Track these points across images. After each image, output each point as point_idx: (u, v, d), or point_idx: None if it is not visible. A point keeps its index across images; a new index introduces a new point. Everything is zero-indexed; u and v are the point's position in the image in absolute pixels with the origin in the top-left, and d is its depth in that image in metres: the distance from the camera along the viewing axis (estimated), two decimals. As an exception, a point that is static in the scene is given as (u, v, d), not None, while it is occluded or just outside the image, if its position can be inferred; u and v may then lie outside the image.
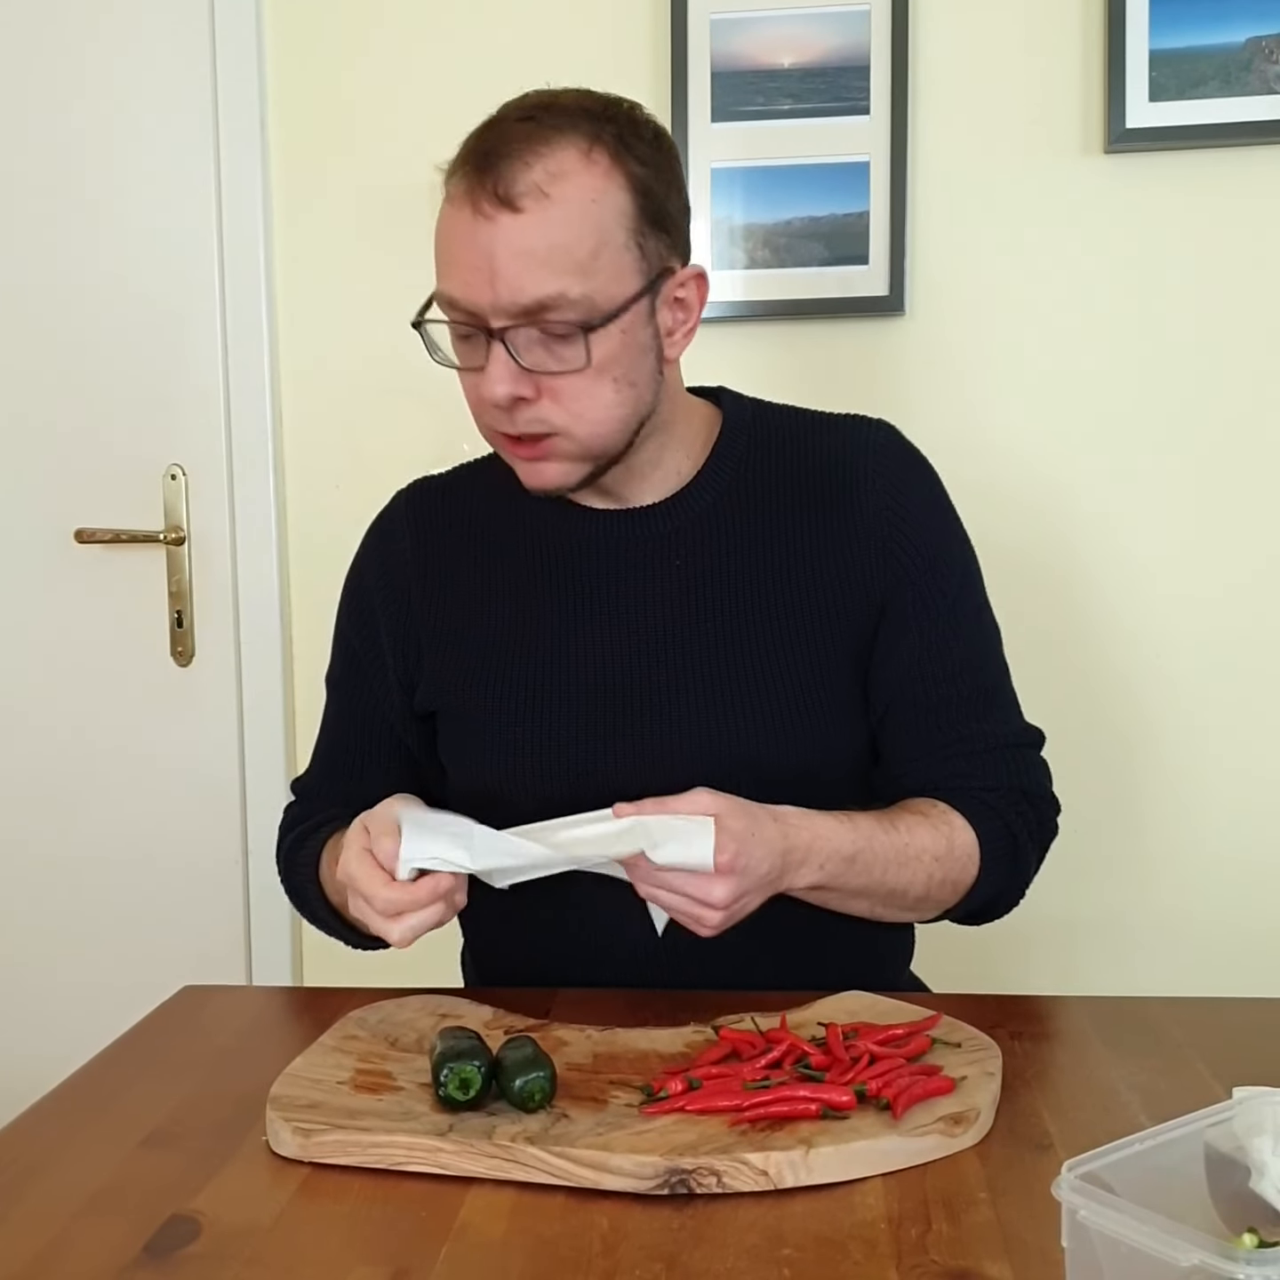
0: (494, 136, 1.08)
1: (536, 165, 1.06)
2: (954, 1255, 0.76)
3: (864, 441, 1.21)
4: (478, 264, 1.06)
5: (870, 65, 1.89)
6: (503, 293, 1.05)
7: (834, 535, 1.18)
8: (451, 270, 1.09)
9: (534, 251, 1.05)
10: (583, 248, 1.06)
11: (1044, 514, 1.93)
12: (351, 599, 1.30)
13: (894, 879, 1.13)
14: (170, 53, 2.08)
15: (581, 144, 1.07)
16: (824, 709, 1.17)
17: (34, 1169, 0.89)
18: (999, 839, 1.17)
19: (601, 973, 1.17)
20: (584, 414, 1.10)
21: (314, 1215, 0.83)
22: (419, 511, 1.28)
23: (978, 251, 1.92)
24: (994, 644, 1.25)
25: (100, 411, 2.14)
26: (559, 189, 1.05)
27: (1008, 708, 1.25)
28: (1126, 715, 1.95)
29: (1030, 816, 1.21)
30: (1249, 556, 1.92)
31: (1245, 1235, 0.67)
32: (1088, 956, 1.97)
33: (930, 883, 1.15)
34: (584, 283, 1.06)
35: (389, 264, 2.04)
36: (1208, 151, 1.86)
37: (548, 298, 1.05)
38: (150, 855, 2.18)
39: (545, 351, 1.08)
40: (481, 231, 1.06)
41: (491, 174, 1.06)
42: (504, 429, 1.11)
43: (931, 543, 1.20)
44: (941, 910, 1.20)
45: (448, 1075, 0.90)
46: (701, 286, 1.15)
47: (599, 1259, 0.77)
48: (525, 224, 1.05)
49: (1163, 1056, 1.01)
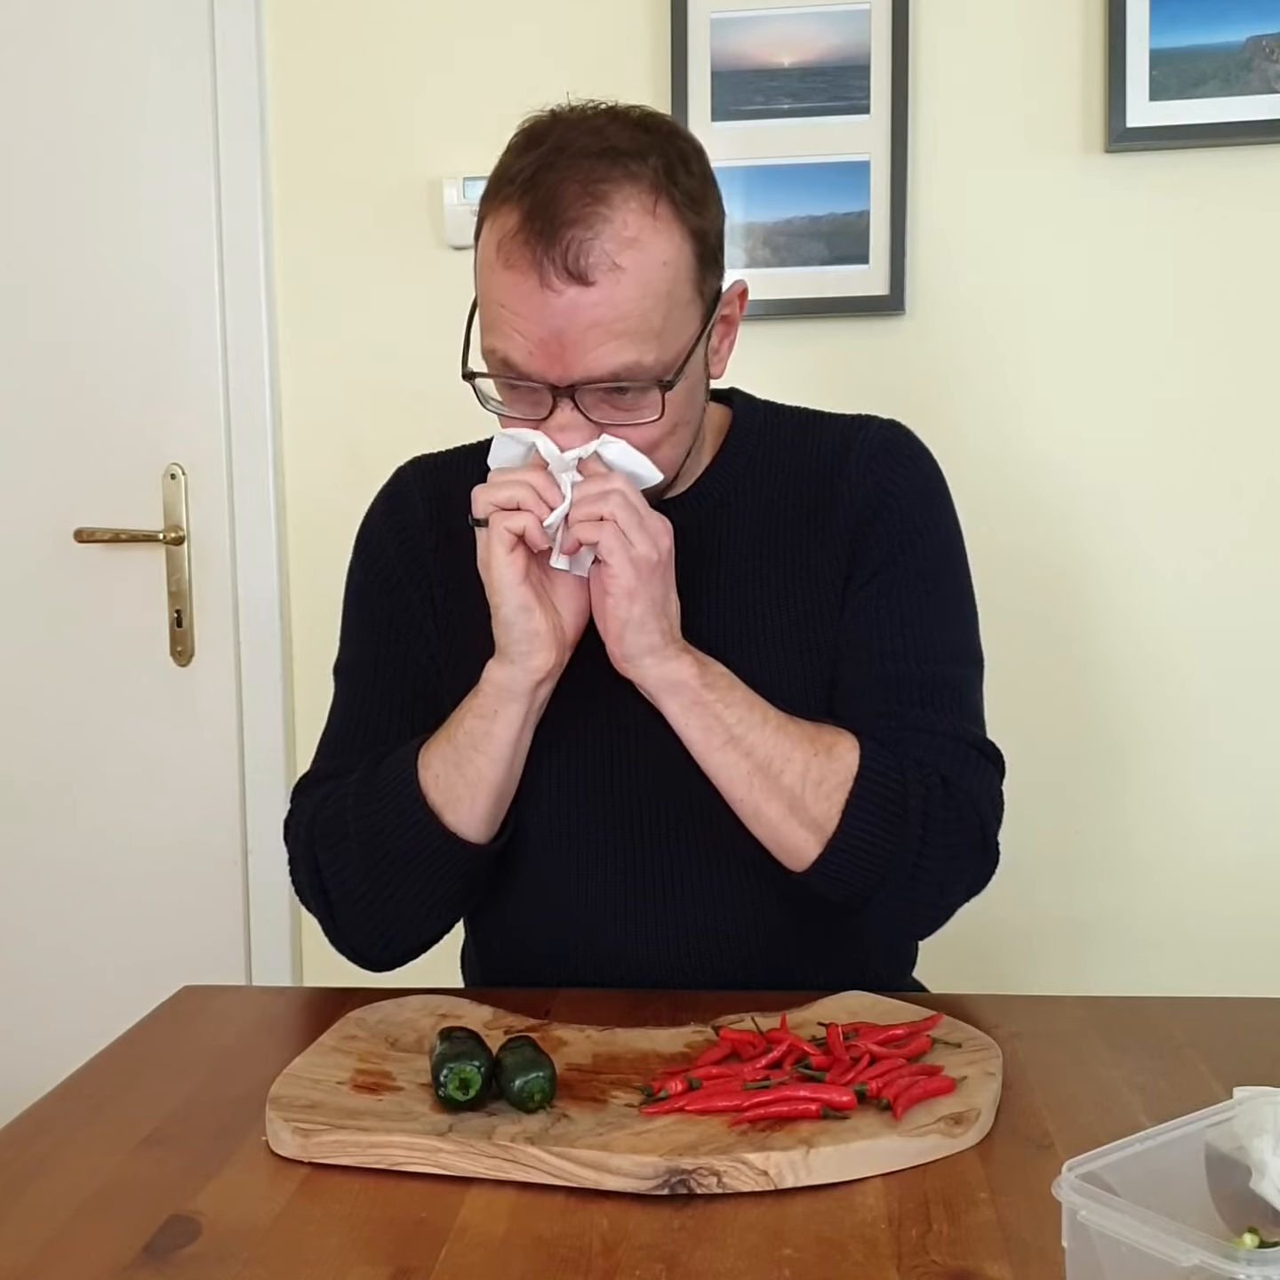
0: (550, 194, 1.02)
1: (605, 232, 1.01)
2: (954, 1255, 0.76)
3: (862, 439, 1.20)
4: (545, 337, 1.02)
5: (870, 65, 1.89)
6: (573, 366, 1.02)
7: (825, 532, 1.18)
8: (510, 335, 1.04)
9: (610, 325, 1.02)
10: (657, 315, 1.03)
11: (1044, 512, 1.93)
12: (371, 572, 1.25)
13: (772, 740, 1.06)
14: (170, 53, 2.08)
15: (646, 200, 1.03)
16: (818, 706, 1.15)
17: (34, 1169, 0.89)
18: (882, 783, 1.07)
19: (603, 973, 1.17)
20: (652, 460, 1.08)
21: (314, 1215, 0.83)
22: (427, 484, 1.26)
23: (978, 251, 1.92)
24: (959, 650, 1.18)
25: (100, 411, 2.14)
26: (630, 258, 1.02)
27: (960, 710, 1.15)
28: (1126, 714, 1.95)
29: (937, 800, 1.09)
30: (1247, 557, 1.92)
31: (1245, 1235, 0.67)
32: (1088, 956, 1.96)
33: (807, 775, 1.06)
34: (657, 348, 1.04)
35: (389, 264, 2.04)
36: (1208, 151, 1.86)
37: (623, 368, 1.03)
38: (150, 855, 2.18)
39: (612, 407, 1.06)
40: (551, 305, 1.01)
41: (558, 243, 1.01)
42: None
43: (899, 528, 1.17)
44: (820, 843, 1.07)
45: (448, 1075, 0.90)
46: (743, 300, 1.15)
47: (599, 1259, 0.76)
48: (598, 297, 1.01)
49: (1163, 1056, 1.01)
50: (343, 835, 1.15)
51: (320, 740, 1.27)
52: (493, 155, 1.08)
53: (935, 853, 1.09)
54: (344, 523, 1.31)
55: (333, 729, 1.26)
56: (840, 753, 1.08)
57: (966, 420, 1.93)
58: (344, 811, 1.15)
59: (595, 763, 1.17)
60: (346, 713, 1.25)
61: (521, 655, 1.08)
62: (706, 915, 1.16)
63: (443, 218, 1.98)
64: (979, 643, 1.21)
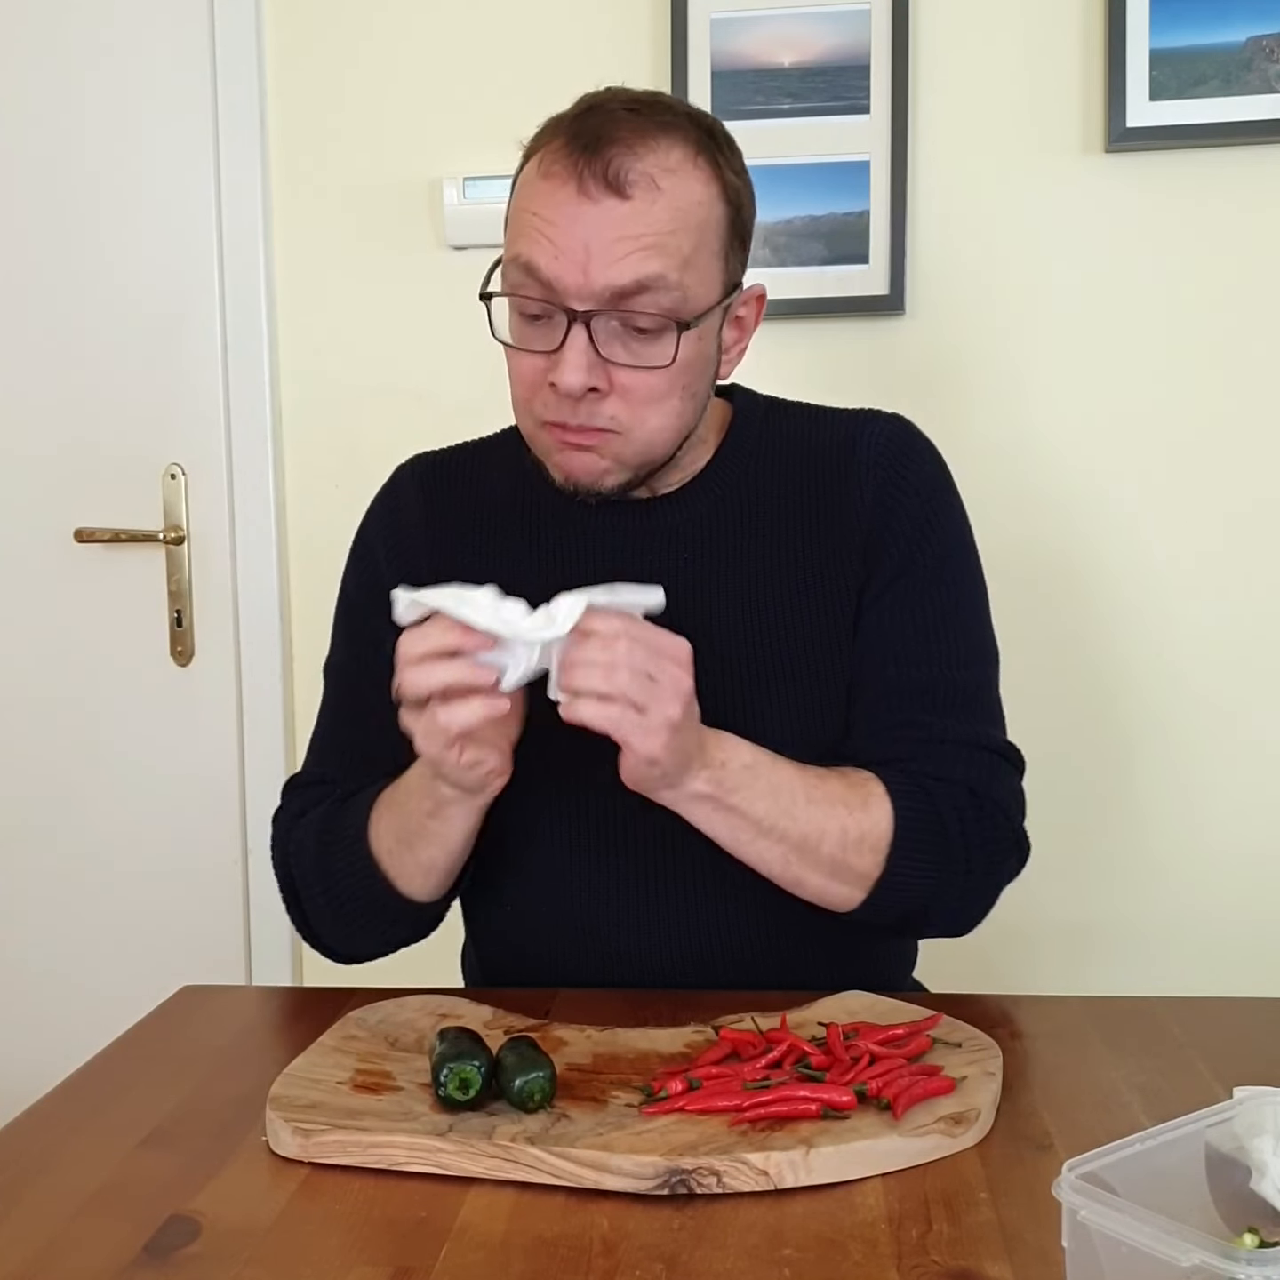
0: (601, 121, 1.05)
1: (648, 156, 1.04)
2: (954, 1255, 0.76)
3: (869, 433, 1.19)
4: (573, 245, 1.03)
5: (870, 64, 1.89)
6: (596, 276, 1.03)
7: (834, 527, 1.17)
8: (538, 239, 1.04)
9: (639, 237, 1.03)
10: (686, 241, 1.04)
11: (1044, 512, 1.93)
12: (360, 573, 1.26)
13: (804, 817, 1.05)
14: (170, 53, 2.08)
15: (689, 148, 1.06)
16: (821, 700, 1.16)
17: (34, 1169, 0.89)
18: (919, 819, 1.08)
19: (603, 974, 1.17)
20: (649, 419, 1.08)
21: (314, 1215, 0.83)
22: (426, 483, 1.25)
23: (978, 251, 1.92)
24: (978, 651, 1.19)
25: (100, 411, 2.14)
26: (669, 183, 1.04)
27: (982, 714, 1.16)
28: (1128, 713, 1.95)
29: (971, 817, 1.10)
30: (1253, 553, 1.92)
31: (1246, 1235, 0.67)
32: (1088, 957, 1.96)
33: (845, 838, 1.06)
34: (682, 272, 1.04)
35: (389, 264, 2.04)
36: (1208, 151, 1.86)
37: (647, 278, 1.03)
38: (150, 855, 2.18)
39: (624, 347, 1.06)
40: (586, 213, 1.03)
41: (601, 157, 1.03)
42: (561, 418, 1.08)
43: (914, 529, 1.17)
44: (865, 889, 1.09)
45: (448, 1075, 0.90)
46: (760, 307, 1.16)
47: (599, 1259, 0.76)
48: (632, 211, 1.03)
49: (1163, 1056, 1.01)
50: (308, 865, 1.18)
51: (310, 739, 1.28)
52: (493, 155, 1.09)
53: (977, 866, 1.12)
54: (344, 523, 1.31)
55: (319, 731, 1.28)
56: (874, 803, 1.08)
57: (966, 420, 1.92)
58: (307, 847, 1.19)
59: (594, 764, 1.17)
60: (332, 716, 1.27)
61: (474, 790, 1.06)
62: (707, 915, 1.16)
63: (443, 218, 1.98)
64: (994, 636, 1.21)
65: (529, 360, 1.08)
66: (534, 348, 1.07)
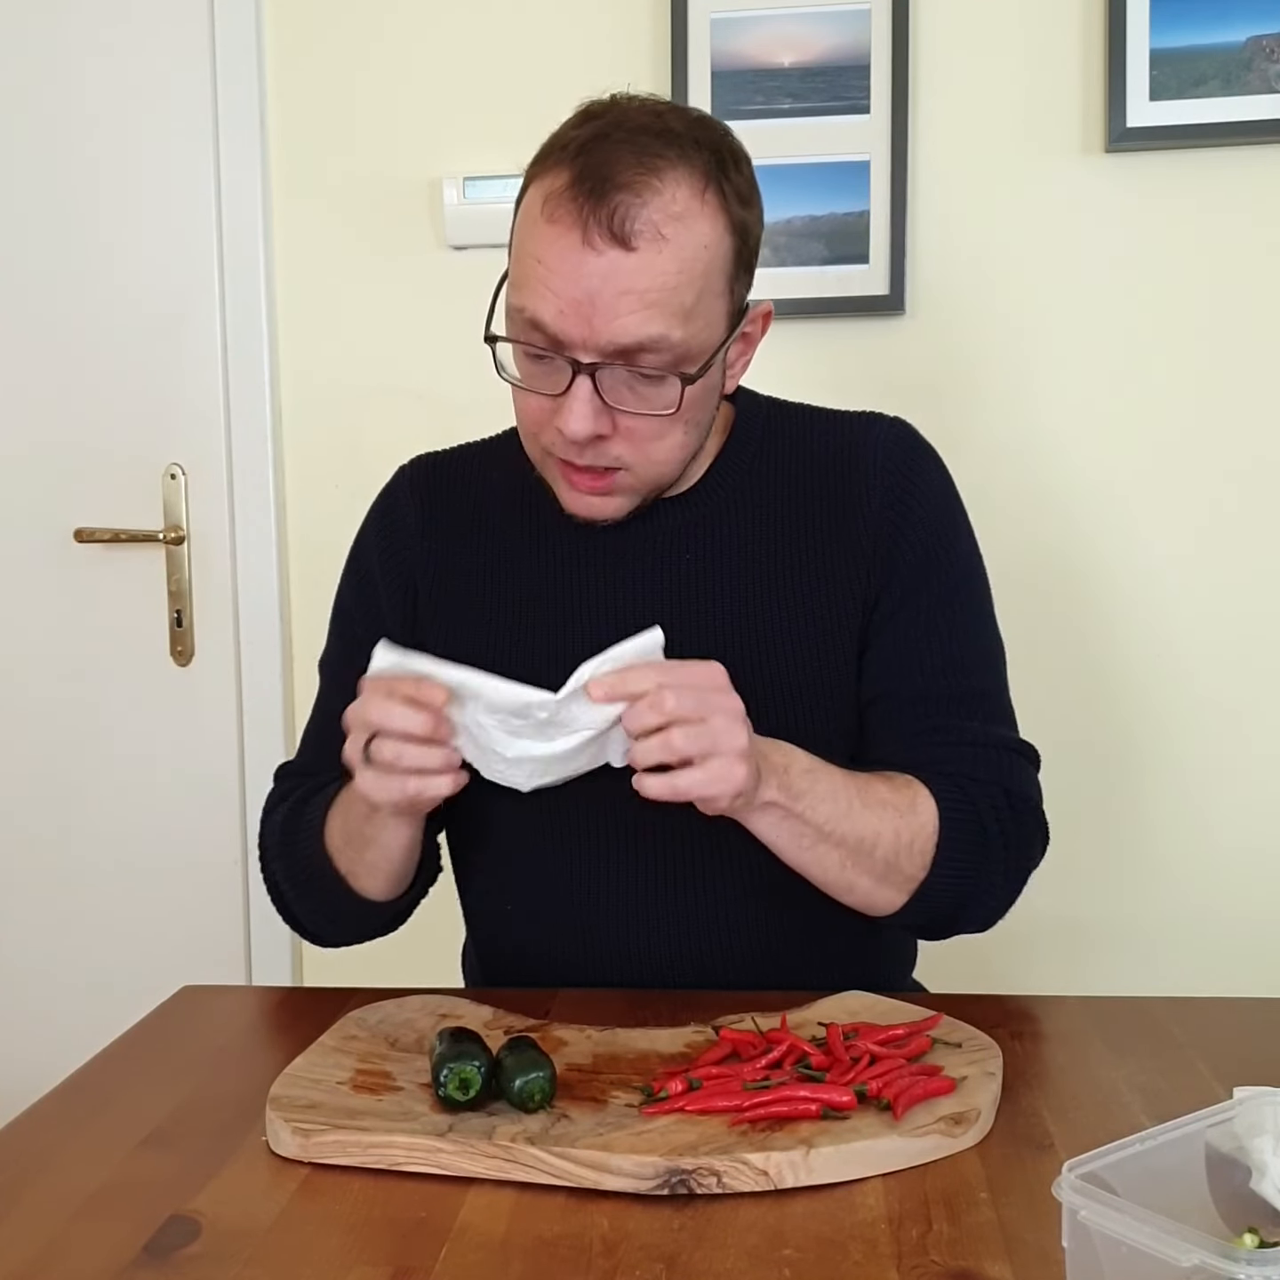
0: (604, 159, 1.02)
1: (653, 202, 1.01)
2: (954, 1255, 0.76)
3: (873, 437, 1.19)
4: (578, 297, 1.01)
5: (870, 64, 1.89)
6: (601, 330, 1.02)
7: (839, 531, 1.17)
8: (543, 293, 1.03)
9: (643, 293, 1.01)
10: (690, 293, 1.03)
11: (1045, 511, 1.93)
12: (354, 579, 1.28)
13: (861, 821, 1.06)
14: (170, 53, 2.08)
15: (696, 183, 1.04)
16: (823, 706, 1.16)
17: (34, 1169, 0.89)
18: (963, 820, 1.10)
19: (604, 975, 1.17)
20: (655, 454, 1.09)
21: (314, 1215, 0.83)
22: (423, 487, 1.25)
23: (978, 251, 1.92)
24: (991, 655, 1.21)
25: (100, 411, 2.14)
26: (675, 231, 1.02)
27: (999, 716, 1.19)
28: (1129, 713, 1.95)
29: (1007, 816, 1.13)
30: (1259, 555, 1.91)
31: (1246, 1235, 0.67)
32: (1088, 957, 1.96)
33: (898, 841, 1.08)
34: (684, 328, 1.03)
35: (389, 264, 2.04)
36: (1209, 151, 1.86)
37: (649, 339, 1.02)
38: (150, 855, 2.18)
39: (628, 390, 1.05)
40: (589, 265, 1.01)
41: (606, 204, 1.01)
42: (568, 457, 1.08)
43: (929, 538, 1.17)
44: (909, 892, 1.10)
45: (447, 1075, 0.90)
46: (766, 322, 1.15)
47: (599, 1259, 0.76)
48: (637, 264, 1.01)
49: (1163, 1056, 1.01)
50: (275, 854, 1.24)
51: (303, 730, 1.33)
52: (493, 155, 1.08)
53: (1014, 860, 1.14)
54: (344, 523, 1.31)
55: (311, 724, 1.31)
56: (920, 805, 1.10)
57: (966, 419, 1.92)
58: (276, 836, 1.24)
59: None
60: (322, 711, 1.29)
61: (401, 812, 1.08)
62: (707, 915, 1.16)
63: (443, 218, 1.98)
64: (1000, 636, 1.22)
65: (535, 399, 1.08)
66: (540, 389, 1.07)
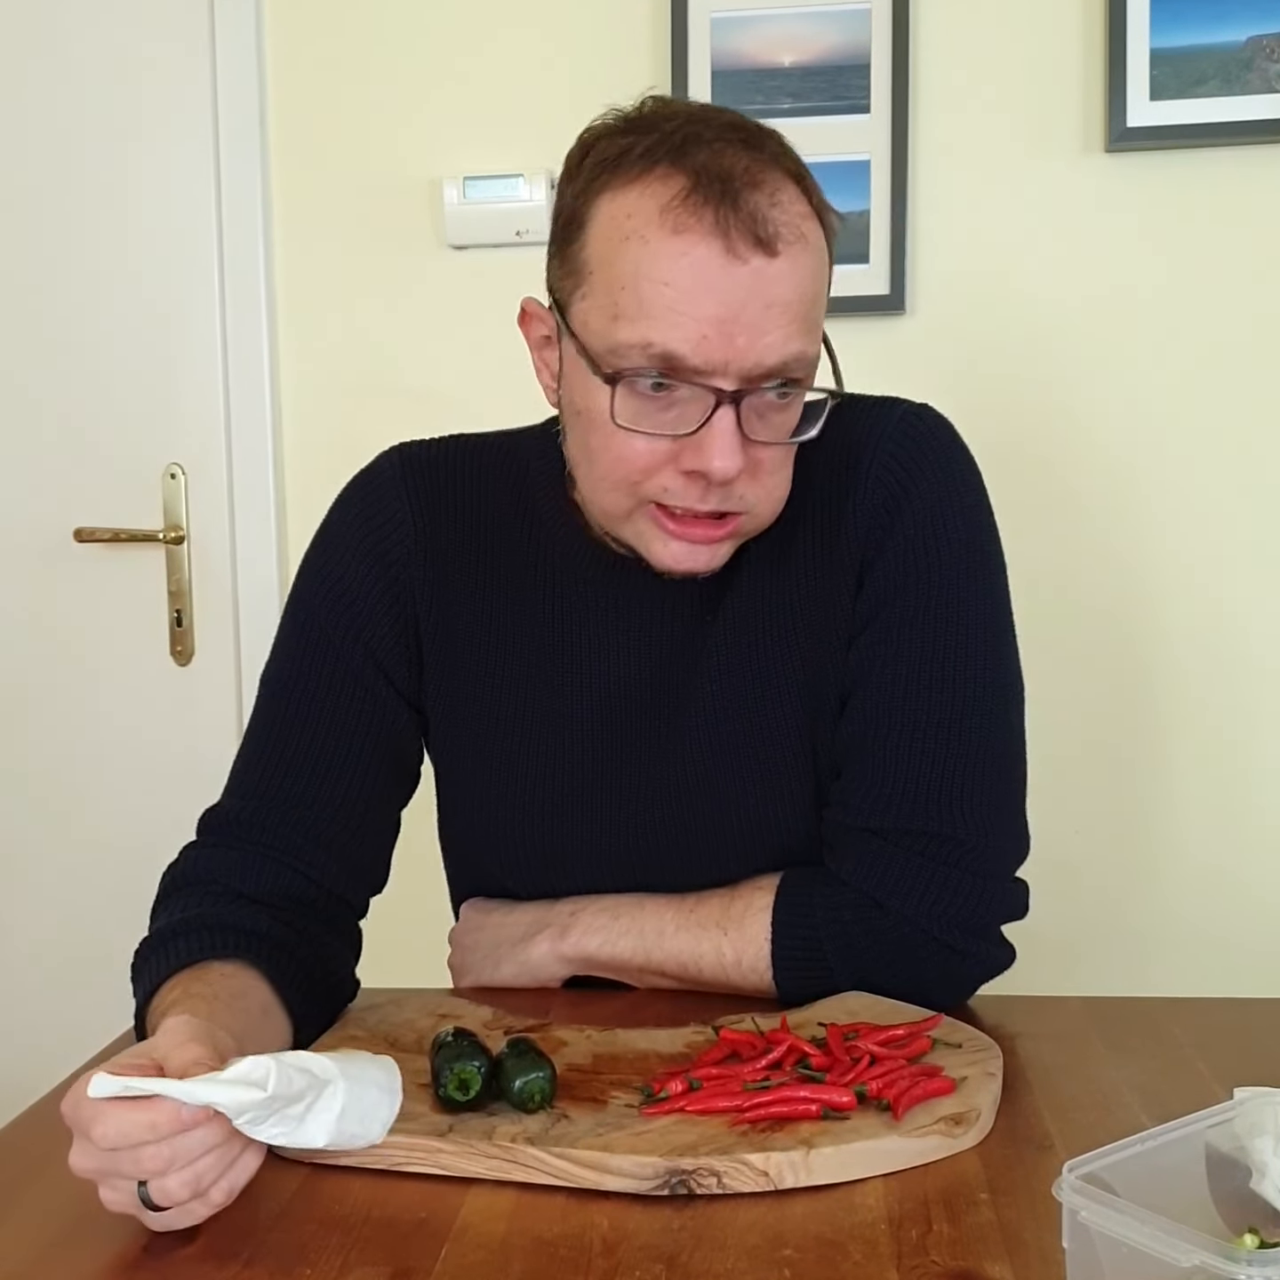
0: (713, 158, 0.90)
1: (783, 201, 0.91)
2: (954, 1256, 0.76)
3: (880, 429, 1.06)
4: (722, 315, 0.89)
5: (871, 64, 1.89)
6: (747, 351, 0.90)
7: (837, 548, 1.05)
8: (676, 320, 0.89)
9: (788, 305, 0.91)
10: (819, 305, 0.95)
11: (1046, 511, 1.93)
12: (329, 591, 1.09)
13: (673, 948, 1.05)
14: (170, 53, 2.08)
15: (793, 185, 0.94)
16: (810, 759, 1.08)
17: (34, 1169, 0.89)
18: (796, 940, 1.04)
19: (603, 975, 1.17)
20: (774, 490, 0.98)
21: (314, 1215, 0.82)
22: (417, 488, 1.11)
23: (978, 251, 1.92)
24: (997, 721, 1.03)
25: (100, 411, 2.14)
26: (809, 230, 0.92)
27: (949, 805, 1.01)
28: (1130, 713, 1.95)
29: (859, 932, 1.02)
30: (1256, 557, 1.92)
31: (1246, 1236, 0.66)
32: (1088, 957, 1.96)
33: (721, 960, 1.05)
34: (815, 342, 0.94)
35: (389, 264, 2.04)
36: (1208, 150, 1.86)
37: (792, 357, 0.92)
38: (149, 855, 2.16)
39: (758, 418, 0.94)
40: (733, 277, 0.89)
41: (742, 207, 0.89)
42: (688, 505, 0.94)
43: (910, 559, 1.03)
44: (770, 991, 1.05)
45: (447, 1075, 0.90)
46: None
47: (599, 1259, 0.76)
48: (780, 271, 0.90)
49: (1163, 1057, 1.01)
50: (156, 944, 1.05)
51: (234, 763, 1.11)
52: (493, 155, 1.07)
53: (881, 974, 1.03)
54: (344, 523, 1.31)
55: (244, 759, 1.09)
56: (750, 919, 1.05)
57: (966, 419, 1.92)
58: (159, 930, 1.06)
59: (593, 763, 1.17)
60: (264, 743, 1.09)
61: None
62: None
63: (443, 218, 1.98)
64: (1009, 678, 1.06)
65: (644, 443, 0.93)
66: (660, 430, 0.93)
